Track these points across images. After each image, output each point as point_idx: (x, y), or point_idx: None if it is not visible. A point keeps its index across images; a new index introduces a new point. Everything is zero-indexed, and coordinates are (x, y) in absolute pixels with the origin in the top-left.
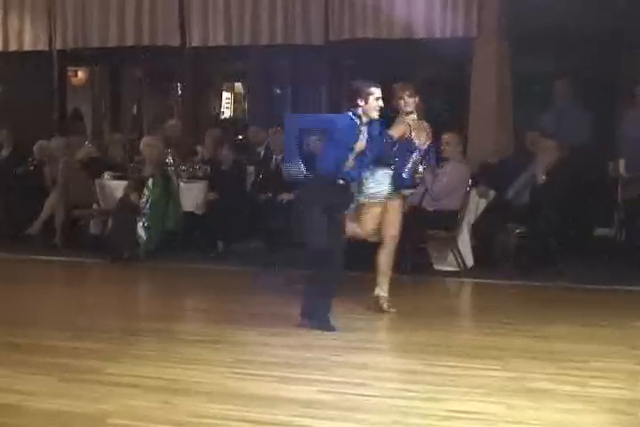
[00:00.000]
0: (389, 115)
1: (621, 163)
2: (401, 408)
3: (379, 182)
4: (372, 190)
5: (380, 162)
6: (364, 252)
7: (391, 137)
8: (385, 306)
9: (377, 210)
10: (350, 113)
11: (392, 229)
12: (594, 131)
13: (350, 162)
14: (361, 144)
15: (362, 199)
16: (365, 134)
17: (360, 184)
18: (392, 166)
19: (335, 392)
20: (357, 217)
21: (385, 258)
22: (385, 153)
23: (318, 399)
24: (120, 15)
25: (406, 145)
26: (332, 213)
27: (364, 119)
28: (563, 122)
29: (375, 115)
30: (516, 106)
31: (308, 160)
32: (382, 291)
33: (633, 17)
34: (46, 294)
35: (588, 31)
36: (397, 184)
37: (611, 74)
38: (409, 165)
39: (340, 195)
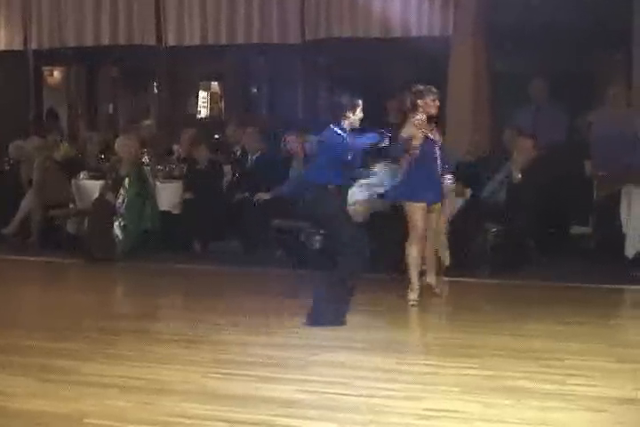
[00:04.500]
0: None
1: (587, 163)
2: (379, 407)
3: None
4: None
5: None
6: None
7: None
8: (437, 291)
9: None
10: (336, 128)
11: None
12: (570, 130)
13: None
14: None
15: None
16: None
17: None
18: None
19: (313, 391)
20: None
21: (411, 250)
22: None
23: (296, 399)
24: (96, 15)
25: (430, 144)
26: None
27: (348, 129)
28: (539, 121)
29: (358, 124)
30: (493, 104)
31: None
32: (430, 278)
33: (609, 17)
34: (23, 295)
35: (565, 30)
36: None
37: (587, 73)
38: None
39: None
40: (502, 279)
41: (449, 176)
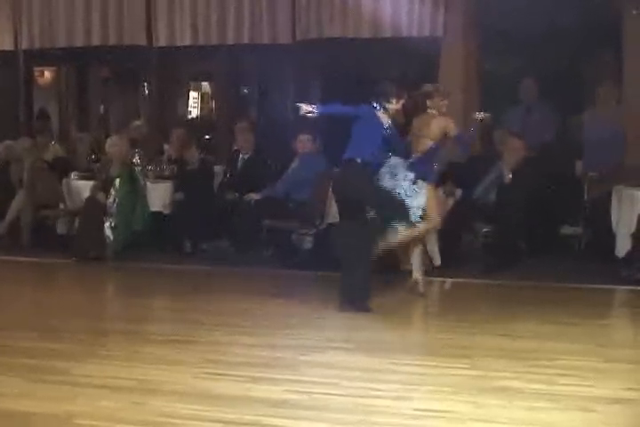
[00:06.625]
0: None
1: (578, 163)
2: (369, 407)
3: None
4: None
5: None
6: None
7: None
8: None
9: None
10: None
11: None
12: (560, 130)
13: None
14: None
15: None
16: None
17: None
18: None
19: (303, 392)
20: None
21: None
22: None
23: (286, 399)
24: (86, 15)
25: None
26: None
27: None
28: (529, 121)
29: (393, 113)
30: (484, 105)
31: None
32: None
33: (598, 16)
34: (13, 295)
35: (555, 30)
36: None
37: (577, 73)
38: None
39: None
40: (493, 279)
41: None
